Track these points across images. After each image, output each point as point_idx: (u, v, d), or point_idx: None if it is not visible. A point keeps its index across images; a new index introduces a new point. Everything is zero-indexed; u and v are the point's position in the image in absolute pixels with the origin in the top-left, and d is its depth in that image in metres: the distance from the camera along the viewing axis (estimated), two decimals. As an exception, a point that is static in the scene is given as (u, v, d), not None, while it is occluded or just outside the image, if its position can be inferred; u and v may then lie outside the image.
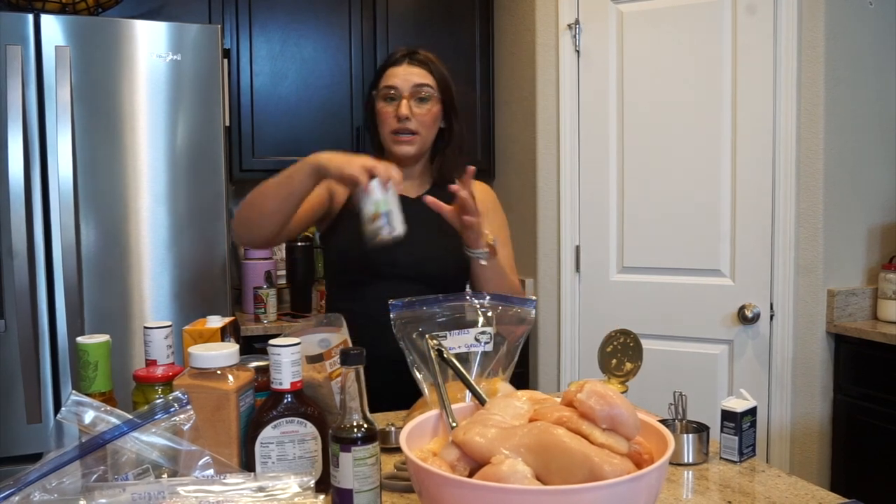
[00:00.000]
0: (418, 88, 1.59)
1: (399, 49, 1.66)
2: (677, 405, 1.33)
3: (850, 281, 2.47)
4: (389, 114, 1.60)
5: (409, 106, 1.58)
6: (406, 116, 1.58)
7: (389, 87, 1.60)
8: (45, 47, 2.16)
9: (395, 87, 1.59)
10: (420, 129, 1.61)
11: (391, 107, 1.60)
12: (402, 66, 1.61)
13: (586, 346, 2.72)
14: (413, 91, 1.59)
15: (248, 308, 2.85)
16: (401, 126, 1.59)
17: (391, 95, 1.60)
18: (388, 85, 1.60)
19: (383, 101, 1.61)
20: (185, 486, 0.88)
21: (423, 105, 1.60)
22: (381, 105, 1.61)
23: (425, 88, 1.60)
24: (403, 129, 1.59)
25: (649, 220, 2.61)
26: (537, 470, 0.82)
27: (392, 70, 1.61)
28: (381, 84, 1.62)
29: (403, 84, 1.59)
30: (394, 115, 1.59)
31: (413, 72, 1.60)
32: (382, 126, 1.62)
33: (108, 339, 1.11)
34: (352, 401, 0.94)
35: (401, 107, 1.58)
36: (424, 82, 1.60)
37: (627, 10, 2.61)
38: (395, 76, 1.60)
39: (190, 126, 2.32)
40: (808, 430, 2.45)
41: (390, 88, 1.60)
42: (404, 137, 1.60)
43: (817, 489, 1.12)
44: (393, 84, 1.59)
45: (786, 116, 2.40)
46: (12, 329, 2.15)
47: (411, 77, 1.60)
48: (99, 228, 2.25)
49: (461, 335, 1.25)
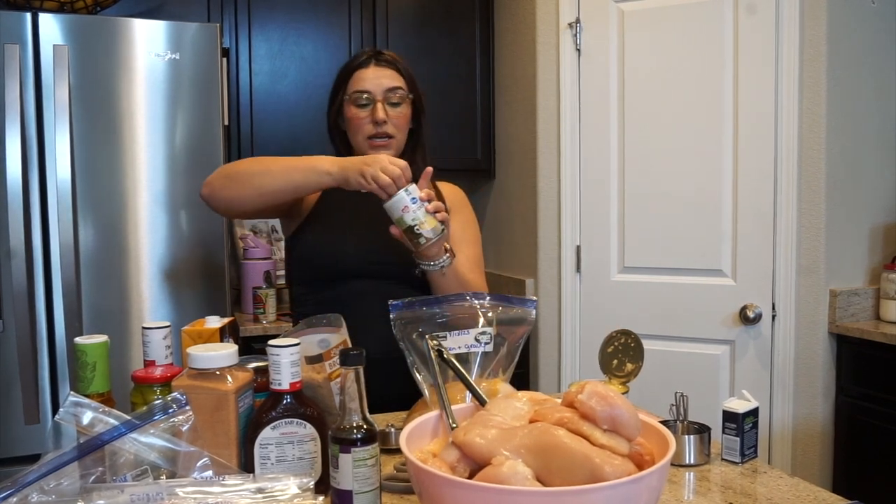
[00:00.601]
0: (391, 92, 1.58)
1: (363, 51, 1.63)
2: (678, 406, 1.32)
3: (852, 281, 2.47)
4: (364, 119, 1.57)
5: (385, 109, 1.57)
6: (384, 120, 1.56)
7: (361, 91, 1.57)
8: (43, 46, 2.16)
9: (367, 92, 1.56)
10: (395, 133, 1.59)
11: (365, 112, 1.57)
12: (370, 67, 1.58)
13: (587, 347, 2.71)
14: (386, 95, 1.57)
15: (247, 308, 2.85)
16: (378, 131, 1.57)
17: (364, 100, 1.57)
18: (360, 90, 1.57)
19: (355, 107, 1.57)
20: (183, 488, 0.87)
21: (396, 108, 1.59)
22: (354, 110, 1.58)
23: (398, 91, 1.59)
24: (381, 134, 1.58)
25: (650, 220, 2.60)
26: (538, 471, 0.82)
27: (360, 73, 1.58)
28: (351, 88, 1.58)
29: (375, 88, 1.57)
30: (369, 119, 1.56)
31: (383, 74, 1.58)
32: (356, 132, 1.59)
33: (106, 340, 1.10)
34: (351, 401, 0.94)
35: (377, 111, 1.56)
36: (396, 85, 1.58)
37: (628, 9, 2.60)
38: (364, 80, 1.57)
39: (189, 125, 2.31)
40: (810, 431, 2.45)
41: (362, 93, 1.57)
42: (381, 142, 1.58)
43: (819, 490, 1.12)
44: (364, 88, 1.57)
45: (787, 116, 2.40)
46: (10, 329, 2.15)
47: (382, 80, 1.57)
48: (97, 228, 2.24)
49: (461, 335, 1.24)
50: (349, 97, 1.58)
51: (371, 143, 1.58)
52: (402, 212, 1.36)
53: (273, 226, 3.19)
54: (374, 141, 1.58)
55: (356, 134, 1.60)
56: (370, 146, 1.59)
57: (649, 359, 1.57)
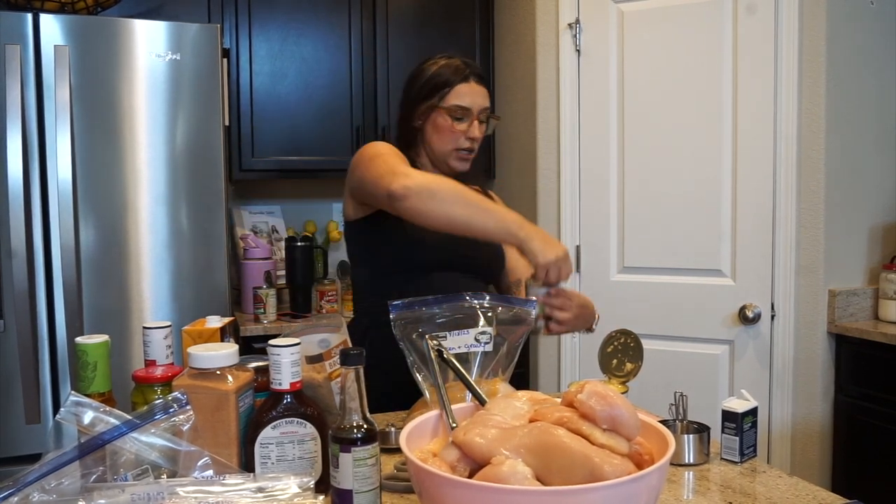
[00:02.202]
0: (483, 111, 1.66)
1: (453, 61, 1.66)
2: (678, 405, 1.33)
3: (851, 281, 2.47)
4: (459, 133, 1.64)
5: (479, 128, 1.65)
6: (477, 139, 1.65)
7: (462, 107, 1.63)
8: (44, 47, 2.16)
9: (467, 108, 1.63)
10: (476, 148, 1.69)
11: (462, 126, 1.64)
12: (470, 83, 1.64)
13: (587, 347, 2.71)
14: (480, 113, 1.65)
15: (247, 308, 2.85)
16: (469, 146, 1.65)
17: (461, 115, 1.63)
18: (461, 105, 1.63)
19: (453, 119, 1.63)
20: (184, 487, 0.87)
21: (482, 126, 1.67)
22: (449, 122, 1.63)
23: (488, 111, 1.68)
24: (469, 149, 1.66)
25: (650, 220, 2.60)
26: (537, 470, 0.82)
27: (462, 87, 1.64)
28: (451, 101, 1.63)
29: (474, 106, 1.64)
30: (463, 134, 1.64)
31: (480, 92, 1.66)
32: (445, 140, 1.65)
33: (107, 340, 1.10)
34: (351, 401, 0.94)
35: (474, 129, 1.64)
36: (487, 105, 1.67)
37: (628, 10, 2.61)
38: (465, 95, 1.63)
39: (189, 126, 2.31)
40: (809, 431, 2.45)
41: (462, 108, 1.63)
42: (466, 155, 1.67)
43: (818, 490, 1.12)
44: (465, 105, 1.63)
45: (786, 116, 2.40)
46: (11, 329, 2.15)
47: (479, 99, 1.65)
48: (98, 228, 2.25)
49: (461, 335, 1.25)
50: (447, 108, 1.63)
51: (458, 154, 1.66)
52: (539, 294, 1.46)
53: (273, 226, 3.19)
54: (461, 154, 1.66)
55: (444, 143, 1.65)
56: (457, 157, 1.67)
57: (649, 359, 1.57)
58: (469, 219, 1.42)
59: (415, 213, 1.44)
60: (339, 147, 2.97)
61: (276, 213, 3.22)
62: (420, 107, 1.66)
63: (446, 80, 1.64)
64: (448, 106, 1.63)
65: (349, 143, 2.98)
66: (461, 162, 1.67)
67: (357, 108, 2.99)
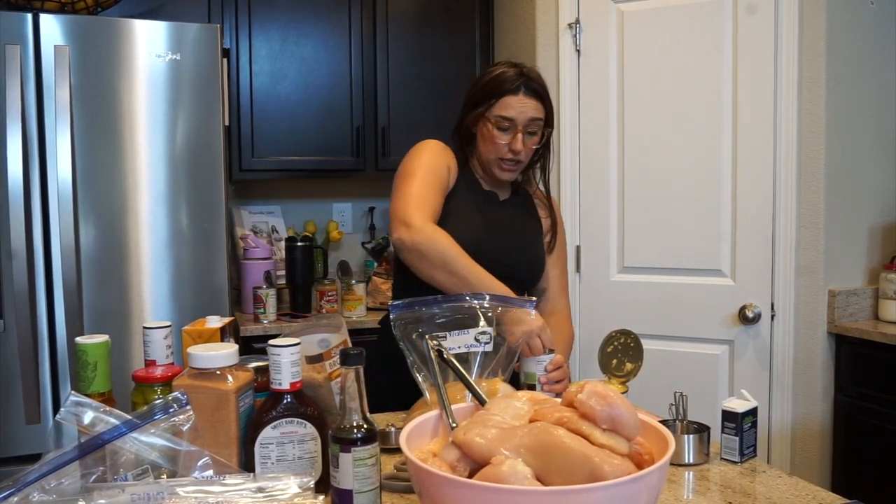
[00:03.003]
0: (532, 122, 1.63)
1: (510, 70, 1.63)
2: (678, 405, 1.33)
3: (850, 281, 2.47)
4: (502, 143, 1.63)
5: (523, 140, 1.62)
6: (520, 151, 1.63)
7: (506, 118, 1.61)
8: (44, 47, 2.16)
9: (511, 119, 1.62)
10: (525, 159, 1.67)
11: (505, 137, 1.63)
12: (519, 95, 1.62)
13: (587, 347, 2.71)
14: (527, 125, 1.63)
15: (247, 308, 2.85)
16: (511, 157, 1.64)
17: (505, 126, 1.62)
18: (505, 116, 1.61)
19: (497, 129, 1.63)
20: (184, 487, 0.87)
21: (532, 137, 1.65)
22: (493, 131, 1.63)
23: (538, 122, 1.64)
24: (513, 160, 1.65)
25: (650, 220, 2.60)
26: (537, 470, 0.82)
27: (508, 99, 1.61)
28: (496, 111, 1.62)
29: (520, 117, 1.61)
30: (506, 145, 1.63)
31: (529, 104, 1.62)
32: (490, 149, 1.65)
33: (107, 340, 1.10)
34: (351, 401, 0.94)
35: (516, 142, 1.62)
36: (538, 117, 1.64)
37: (628, 10, 2.61)
38: (511, 107, 1.61)
39: (189, 126, 2.32)
40: (808, 431, 2.45)
41: (506, 119, 1.62)
42: (511, 166, 1.67)
43: (818, 490, 1.12)
44: (510, 116, 1.61)
45: (786, 116, 2.40)
46: (11, 329, 2.15)
47: (527, 111, 1.62)
48: (98, 228, 2.25)
49: (461, 335, 1.25)
50: (492, 119, 1.62)
51: (501, 164, 1.66)
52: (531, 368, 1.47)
53: (273, 226, 3.19)
54: (505, 164, 1.66)
55: (490, 152, 1.66)
56: (499, 167, 1.67)
57: (649, 359, 1.57)
58: (449, 287, 1.49)
59: (408, 264, 1.55)
60: (339, 147, 2.97)
61: (276, 213, 3.22)
62: (473, 112, 1.66)
63: (495, 90, 1.62)
64: (492, 116, 1.62)
65: (349, 143, 2.98)
66: (505, 172, 1.67)
67: (357, 108, 2.99)
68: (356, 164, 3.00)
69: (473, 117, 1.67)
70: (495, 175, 1.69)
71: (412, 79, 3.02)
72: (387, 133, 3.00)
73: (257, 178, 2.97)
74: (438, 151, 1.67)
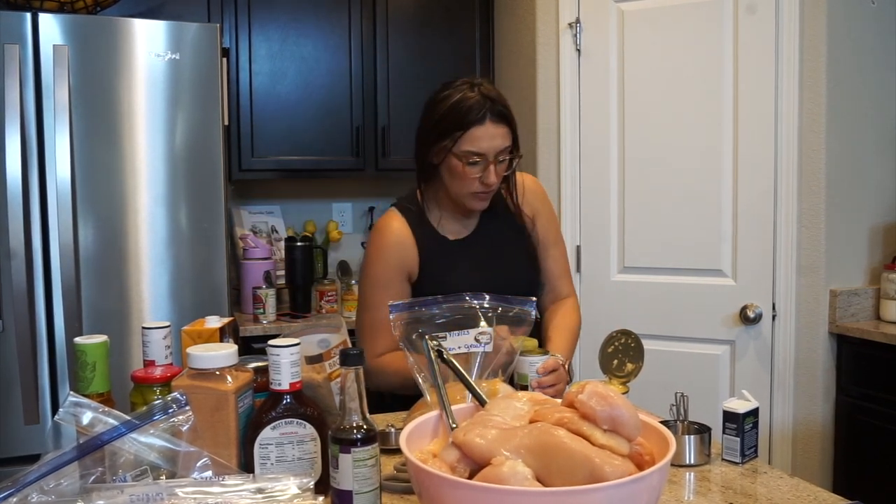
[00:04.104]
0: (502, 153, 1.54)
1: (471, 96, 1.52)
2: (679, 406, 1.32)
3: (852, 281, 2.47)
4: (473, 178, 1.53)
5: (496, 172, 1.53)
6: (494, 184, 1.55)
7: (475, 153, 1.51)
8: (43, 46, 2.16)
9: (482, 154, 1.51)
10: (497, 185, 1.58)
11: (476, 171, 1.52)
12: (486, 125, 1.51)
13: (587, 347, 2.71)
14: (498, 155, 1.53)
15: (246, 308, 2.85)
16: (484, 189, 1.56)
17: (475, 161, 1.52)
18: (474, 151, 1.51)
19: (466, 165, 1.52)
20: (183, 488, 0.87)
21: (501, 165, 1.56)
22: (463, 167, 1.52)
23: (507, 150, 1.55)
24: (486, 192, 1.57)
25: (650, 220, 2.60)
26: (538, 471, 0.81)
27: (476, 131, 1.50)
28: (464, 146, 1.51)
29: (489, 150, 1.51)
30: (478, 179, 1.53)
31: (498, 133, 1.52)
32: (460, 185, 1.56)
33: (106, 340, 1.10)
34: (351, 401, 0.94)
35: (489, 175, 1.53)
36: (507, 145, 1.54)
37: (628, 9, 2.60)
38: (479, 140, 1.50)
39: (189, 125, 2.31)
40: (810, 431, 2.44)
41: (476, 154, 1.51)
42: (483, 196, 1.58)
43: (819, 490, 1.12)
44: (480, 151, 1.51)
45: (787, 116, 2.40)
46: (10, 330, 2.15)
47: (496, 141, 1.52)
48: (97, 228, 2.24)
49: (461, 336, 1.24)
50: (460, 154, 1.52)
51: (475, 196, 1.57)
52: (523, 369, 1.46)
53: (273, 226, 3.19)
54: (480, 195, 1.57)
55: (460, 187, 1.56)
56: (473, 199, 1.58)
57: (649, 359, 1.57)
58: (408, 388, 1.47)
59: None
60: (339, 147, 2.97)
61: (276, 213, 3.22)
62: (437, 146, 1.55)
63: (460, 122, 1.51)
64: (460, 152, 1.51)
65: (349, 143, 2.98)
66: (479, 202, 1.59)
67: (357, 108, 2.98)
68: (356, 164, 3.00)
69: (437, 151, 1.55)
70: (470, 207, 1.61)
71: (412, 79, 3.02)
72: (387, 133, 3.00)
73: (257, 178, 2.96)
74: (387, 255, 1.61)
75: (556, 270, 1.76)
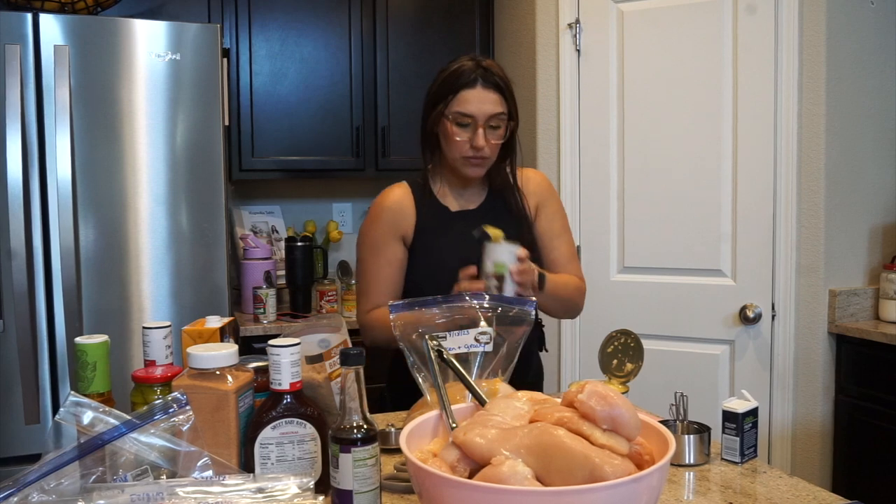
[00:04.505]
0: (493, 118, 1.58)
1: (467, 64, 1.59)
2: (678, 406, 1.32)
3: (851, 281, 2.47)
4: (464, 140, 1.58)
5: (485, 136, 1.57)
6: (482, 147, 1.58)
7: (464, 114, 1.56)
8: (44, 46, 2.16)
9: (470, 116, 1.56)
10: (490, 154, 1.61)
11: (466, 133, 1.58)
12: (476, 89, 1.57)
13: (587, 347, 2.71)
14: (488, 120, 1.57)
15: (247, 308, 2.85)
16: (475, 154, 1.59)
17: (465, 122, 1.57)
18: (463, 112, 1.56)
19: (456, 126, 1.58)
20: (183, 487, 0.87)
21: (495, 132, 1.59)
22: (454, 129, 1.58)
23: (500, 117, 1.59)
24: (477, 157, 1.60)
25: (650, 220, 2.60)
26: (537, 471, 0.82)
27: (466, 94, 1.57)
28: (454, 108, 1.57)
29: (479, 113, 1.56)
30: (468, 142, 1.58)
31: (488, 98, 1.57)
32: (452, 148, 1.61)
33: (106, 340, 1.10)
34: (351, 401, 0.94)
35: (477, 138, 1.57)
36: (499, 111, 1.58)
37: (628, 10, 2.60)
38: (468, 102, 1.56)
39: (189, 126, 2.31)
40: (809, 431, 2.45)
41: (465, 115, 1.57)
42: (476, 161, 1.61)
43: (819, 490, 1.12)
44: (468, 112, 1.56)
45: (787, 116, 2.40)
46: (11, 330, 2.15)
47: (486, 105, 1.57)
48: (98, 228, 2.24)
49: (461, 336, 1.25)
50: (451, 115, 1.58)
51: (467, 161, 1.61)
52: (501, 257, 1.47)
53: (273, 226, 3.19)
54: (471, 160, 1.61)
55: (453, 151, 1.61)
56: (466, 164, 1.62)
57: (649, 359, 1.57)
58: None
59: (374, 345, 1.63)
60: (339, 147, 2.97)
61: (276, 213, 3.22)
62: (433, 112, 1.62)
63: (452, 85, 1.58)
64: (451, 113, 1.57)
65: (349, 143, 2.98)
66: (469, 168, 1.62)
67: (357, 108, 2.99)
68: (356, 164, 3.00)
69: (434, 118, 1.61)
70: (465, 175, 1.64)
71: (412, 78, 3.02)
72: (387, 133, 3.00)
73: (257, 177, 2.97)
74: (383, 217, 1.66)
75: (564, 258, 1.76)
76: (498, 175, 1.71)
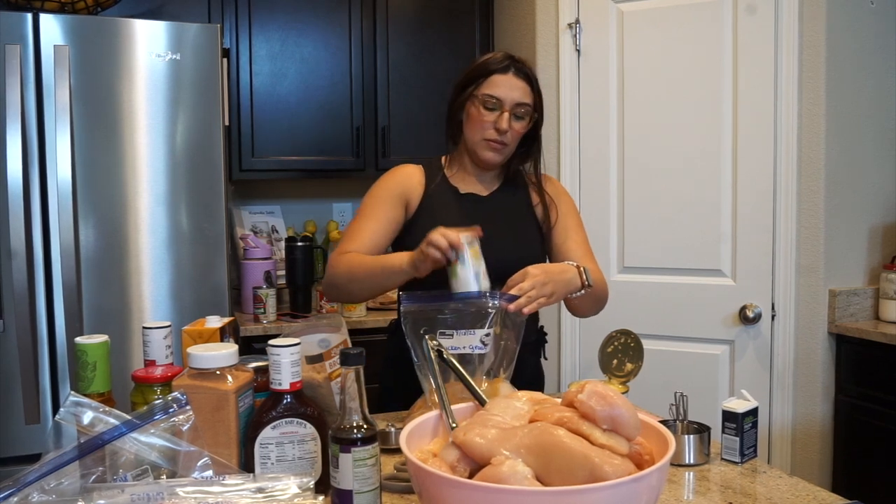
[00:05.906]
0: (520, 106, 1.60)
1: (499, 53, 1.64)
2: (678, 406, 1.33)
3: (851, 281, 2.47)
4: (488, 122, 1.60)
5: (509, 121, 1.59)
6: (505, 131, 1.60)
7: (493, 96, 1.59)
8: (44, 47, 2.16)
9: (498, 98, 1.59)
10: (510, 143, 1.63)
11: (491, 116, 1.60)
12: (508, 75, 1.60)
13: (587, 347, 2.71)
14: (514, 107, 1.60)
15: (247, 308, 2.85)
16: (497, 138, 1.61)
17: (492, 105, 1.59)
18: (492, 94, 1.59)
19: (484, 108, 1.60)
20: (184, 487, 0.87)
21: (519, 121, 1.61)
22: (480, 110, 1.60)
23: (525, 107, 1.61)
24: (498, 141, 1.62)
25: (650, 220, 2.60)
26: (537, 471, 0.82)
27: (497, 78, 1.60)
28: (483, 90, 1.60)
29: (507, 97, 1.59)
30: (492, 124, 1.60)
31: (517, 86, 1.60)
32: (475, 129, 1.62)
33: (106, 340, 1.10)
34: (351, 401, 0.94)
35: (501, 120, 1.59)
36: (526, 101, 1.61)
37: (628, 10, 2.60)
38: (498, 85, 1.59)
39: (189, 126, 2.31)
40: (809, 431, 2.45)
41: (493, 98, 1.59)
42: (496, 146, 1.62)
43: (819, 490, 1.12)
44: (497, 94, 1.59)
45: (787, 116, 2.40)
46: (11, 330, 2.15)
47: (515, 92, 1.59)
48: (98, 228, 2.25)
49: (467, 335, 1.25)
50: (479, 97, 1.60)
51: (488, 144, 1.62)
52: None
53: (273, 226, 3.19)
54: (491, 144, 1.62)
55: (475, 132, 1.63)
56: (486, 147, 1.63)
57: (649, 359, 1.57)
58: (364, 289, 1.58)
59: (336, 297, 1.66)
60: (339, 147, 2.97)
61: (276, 213, 3.22)
62: (461, 97, 1.64)
63: (483, 71, 1.61)
64: (480, 94, 1.60)
65: (349, 143, 2.98)
66: (492, 152, 1.63)
67: (357, 108, 2.99)
68: (356, 164, 3.00)
69: (461, 101, 1.64)
70: (482, 158, 1.64)
71: (412, 78, 3.02)
72: (387, 133, 3.00)
73: (257, 178, 2.97)
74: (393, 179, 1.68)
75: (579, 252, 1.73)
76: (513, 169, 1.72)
